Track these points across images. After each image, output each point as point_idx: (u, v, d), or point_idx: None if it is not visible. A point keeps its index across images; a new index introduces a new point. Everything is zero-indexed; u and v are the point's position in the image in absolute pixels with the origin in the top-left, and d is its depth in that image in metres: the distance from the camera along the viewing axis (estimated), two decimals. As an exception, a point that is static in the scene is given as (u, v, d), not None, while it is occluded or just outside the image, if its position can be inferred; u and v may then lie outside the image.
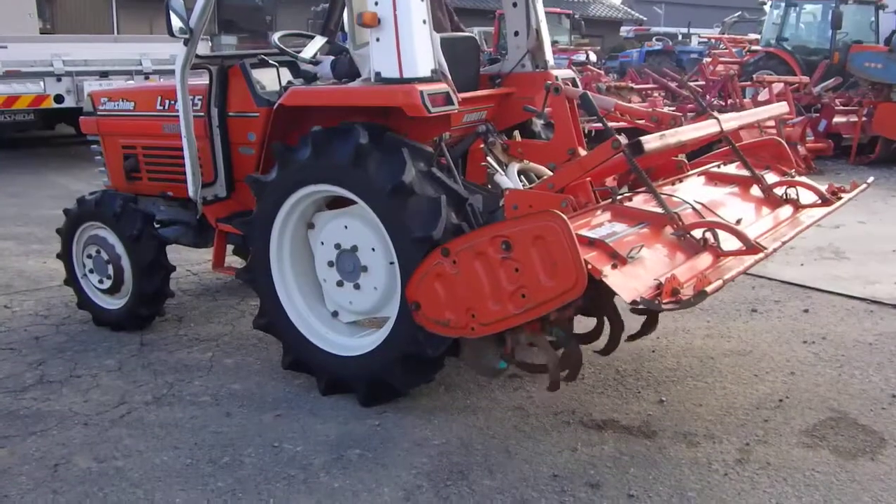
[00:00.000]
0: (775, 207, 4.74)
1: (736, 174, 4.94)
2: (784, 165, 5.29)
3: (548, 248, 3.47)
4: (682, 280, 3.55)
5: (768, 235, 4.30)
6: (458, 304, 3.80)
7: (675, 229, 3.95)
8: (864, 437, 4.28)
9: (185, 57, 5.20)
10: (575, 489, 3.82)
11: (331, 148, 4.51)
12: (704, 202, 4.44)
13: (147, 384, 5.04)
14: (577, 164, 4.21)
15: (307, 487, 3.89)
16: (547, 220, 3.46)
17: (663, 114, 4.73)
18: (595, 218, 3.99)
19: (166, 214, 5.92)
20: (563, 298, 3.52)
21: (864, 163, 13.63)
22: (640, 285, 3.51)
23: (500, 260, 3.61)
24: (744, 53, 20.99)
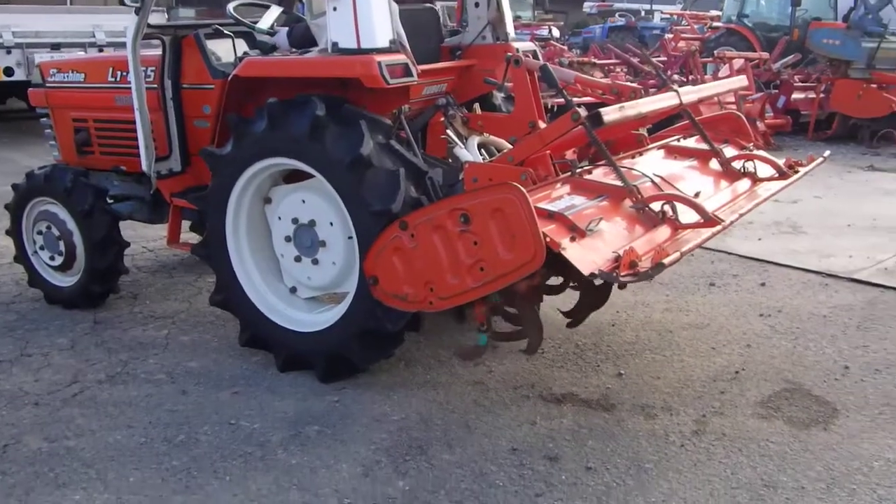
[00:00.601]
0: (733, 181, 4.75)
1: (695, 148, 4.94)
2: (742, 139, 5.31)
3: (506, 221, 3.44)
4: (641, 252, 3.54)
5: (726, 208, 4.31)
6: (417, 277, 3.76)
7: (634, 202, 3.94)
8: (818, 408, 4.33)
9: (137, 27, 5.07)
10: (534, 462, 3.83)
11: (287, 120, 4.44)
12: (664, 175, 4.44)
13: (100, 362, 4.96)
14: (536, 137, 4.18)
15: (264, 465, 3.85)
16: (505, 192, 3.43)
17: (623, 86, 4.72)
18: (554, 191, 3.97)
19: (119, 189, 5.80)
20: (521, 271, 3.49)
21: (822, 138, 13.75)
22: (598, 258, 3.49)
23: (458, 233, 3.57)
24: (705, 30, 21.07)
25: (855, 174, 11.02)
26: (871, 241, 7.50)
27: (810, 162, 5.14)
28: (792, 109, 14.12)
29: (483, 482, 3.68)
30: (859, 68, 13.40)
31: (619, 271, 3.39)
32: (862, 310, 5.75)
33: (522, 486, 3.65)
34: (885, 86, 13.18)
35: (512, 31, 5.43)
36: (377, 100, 4.55)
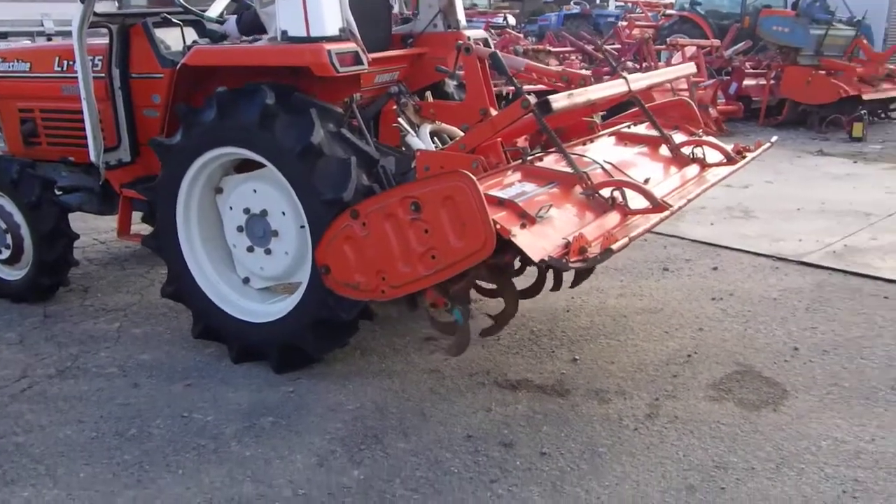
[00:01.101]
0: (683, 166, 4.79)
1: (645, 134, 4.97)
2: (692, 125, 5.35)
3: (457, 209, 3.43)
4: (590, 238, 3.56)
5: (675, 194, 4.34)
6: (368, 266, 3.74)
7: (584, 188, 3.95)
8: (768, 389, 4.40)
9: (83, 15, 4.98)
10: (489, 449, 3.84)
11: (237, 109, 4.40)
12: (614, 162, 4.46)
13: (50, 357, 4.89)
14: (487, 125, 4.17)
15: (218, 457, 3.82)
16: (455, 180, 3.42)
17: (573, 73, 4.72)
18: (505, 178, 3.97)
19: (68, 181, 5.72)
20: (472, 259, 3.48)
21: (773, 124, 13.95)
22: (548, 244, 3.50)
23: (409, 221, 3.55)
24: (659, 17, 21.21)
25: (804, 159, 11.19)
26: (819, 224, 7.62)
27: (758, 147, 5.19)
28: (743, 96, 14.31)
29: (438, 470, 3.69)
30: (808, 55, 13.61)
31: (568, 257, 3.41)
32: (811, 292, 5.85)
33: (477, 473, 3.66)
34: (833, 72, 13.40)
35: (463, 20, 5.43)
36: (328, 88, 4.52)
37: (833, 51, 13.72)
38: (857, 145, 12.19)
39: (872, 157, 11.31)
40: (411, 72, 5.35)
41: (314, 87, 4.50)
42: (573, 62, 13.83)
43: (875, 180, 9.70)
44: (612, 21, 24.67)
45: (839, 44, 13.87)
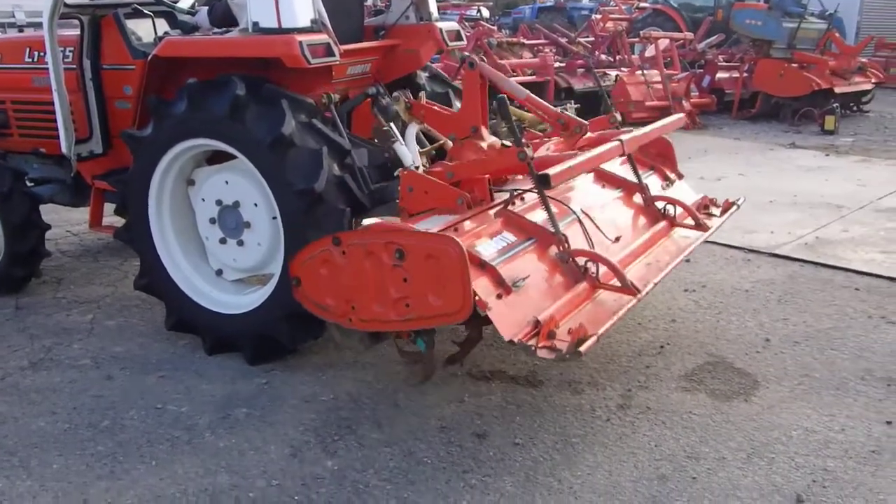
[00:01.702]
0: (653, 222, 4.81)
1: (623, 178, 4.92)
2: (667, 167, 5.37)
3: (440, 270, 3.44)
4: (560, 318, 3.61)
5: (642, 262, 4.37)
6: (341, 293, 3.75)
7: (560, 251, 3.96)
8: (740, 380, 4.45)
9: (53, 6, 4.94)
10: (462, 439, 3.86)
11: (207, 101, 4.39)
12: (590, 211, 4.45)
13: (23, 349, 4.86)
14: (479, 164, 4.22)
15: (192, 448, 3.82)
16: (446, 244, 3.42)
17: (570, 119, 4.57)
18: (488, 226, 3.97)
19: (40, 172, 5.68)
20: (445, 319, 3.53)
21: (746, 117, 14.05)
22: (520, 319, 3.53)
23: (391, 266, 3.56)
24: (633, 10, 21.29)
25: (777, 152, 11.29)
26: (791, 216, 7.70)
27: (727, 208, 5.23)
28: (717, 88, 14.42)
29: (412, 460, 3.71)
30: (781, 48, 13.72)
31: (536, 341, 3.44)
32: (783, 284, 5.91)
33: (451, 464, 3.68)
34: (806, 65, 13.52)
35: (435, 11, 5.42)
36: (299, 80, 4.52)
37: (805, 44, 13.85)
38: (830, 138, 12.31)
39: (844, 149, 11.43)
40: (383, 63, 5.35)
41: (286, 78, 4.49)
42: (547, 55, 13.82)
43: (847, 173, 9.80)
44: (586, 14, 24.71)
45: (811, 37, 13.99)
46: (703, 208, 5.17)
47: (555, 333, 3.50)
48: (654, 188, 5.03)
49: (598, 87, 12.52)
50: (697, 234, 4.78)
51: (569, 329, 3.53)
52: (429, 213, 4.06)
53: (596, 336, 3.48)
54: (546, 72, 13.19)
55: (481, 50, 13.57)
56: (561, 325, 3.57)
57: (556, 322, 3.56)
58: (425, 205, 4.10)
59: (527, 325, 3.49)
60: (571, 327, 3.53)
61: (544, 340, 3.45)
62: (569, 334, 3.50)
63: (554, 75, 13.25)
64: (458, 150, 4.48)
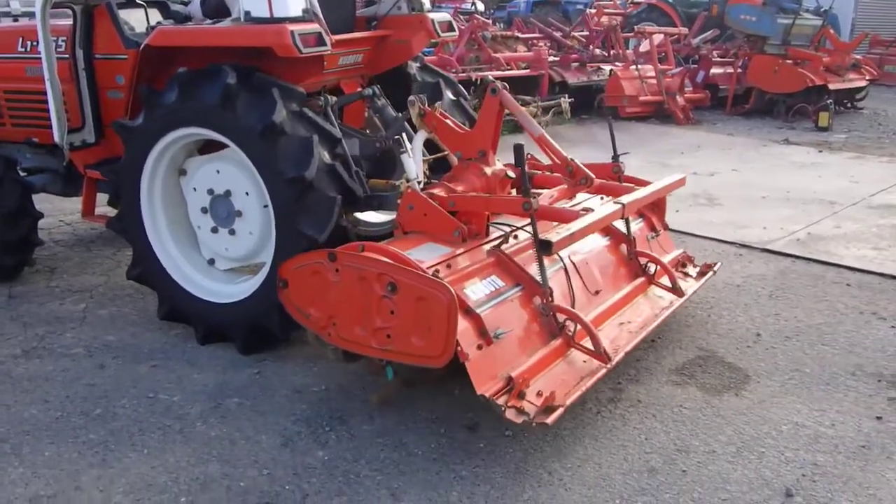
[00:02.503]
0: (633, 277, 4.84)
1: (613, 226, 4.88)
2: (656, 217, 5.39)
3: (428, 313, 3.48)
4: (531, 376, 3.65)
5: (616, 320, 4.41)
6: (325, 306, 3.80)
7: (544, 304, 3.99)
8: (730, 374, 4.47)
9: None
10: (453, 431, 3.88)
11: (198, 90, 4.41)
12: (576, 257, 4.48)
13: (16, 337, 4.86)
14: (483, 202, 4.26)
15: (183, 437, 3.83)
16: (439, 290, 3.46)
17: (578, 168, 4.40)
18: (480, 265, 4.00)
19: (32, 161, 5.68)
20: (423, 360, 3.57)
21: (740, 113, 14.07)
22: (494, 372, 3.57)
23: (380, 296, 3.60)
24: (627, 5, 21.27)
25: (770, 147, 11.31)
26: (784, 212, 7.72)
27: (704, 271, 5.27)
28: (711, 84, 14.43)
29: (403, 451, 3.72)
30: (775, 44, 13.72)
31: (507, 399, 3.48)
32: (774, 279, 5.93)
33: (441, 455, 3.70)
34: (800, 61, 13.53)
35: (427, 2, 5.43)
36: (291, 69, 4.53)
37: (800, 40, 13.86)
38: (823, 135, 12.33)
39: (837, 146, 11.45)
40: (375, 54, 5.36)
41: (278, 68, 4.50)
42: (542, 49, 13.83)
43: (840, 169, 9.83)
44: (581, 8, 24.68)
45: (806, 33, 14.00)
46: (680, 266, 5.24)
47: (524, 394, 3.58)
48: (640, 237, 5.08)
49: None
50: (672, 298, 4.83)
51: (538, 391, 3.61)
52: (424, 238, 4.11)
53: (563, 407, 3.55)
54: (540, 66, 13.20)
55: (475, 43, 13.57)
56: (531, 385, 3.64)
57: (527, 381, 3.63)
58: (422, 227, 4.18)
59: (500, 380, 3.56)
60: (541, 390, 3.62)
61: (514, 400, 3.52)
62: (538, 397, 3.58)
63: (548, 69, 13.25)
64: (461, 170, 4.49)
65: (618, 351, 4.09)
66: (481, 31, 13.69)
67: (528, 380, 3.63)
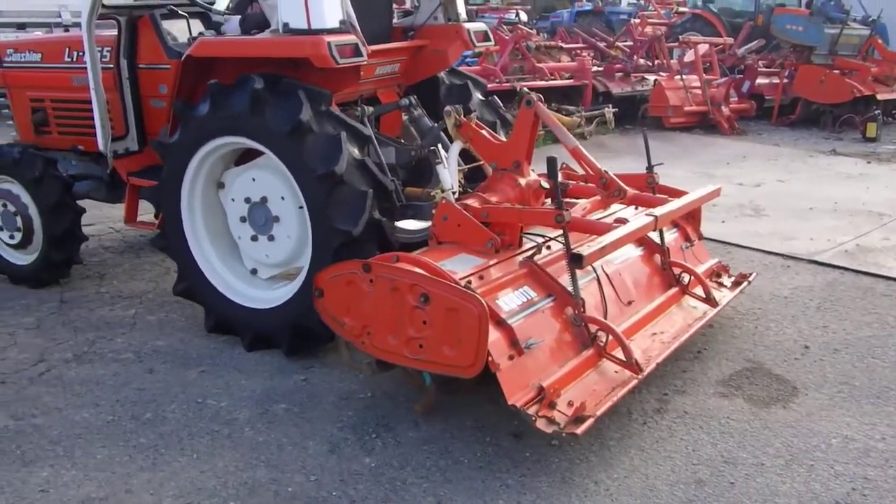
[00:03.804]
0: (666, 287, 4.82)
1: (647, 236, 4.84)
2: (691, 227, 5.37)
3: (459, 324, 3.50)
4: (562, 386, 3.67)
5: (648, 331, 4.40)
6: (359, 316, 3.83)
7: (576, 314, 4.00)
8: (778, 387, 4.42)
9: (92, 7, 5.09)
10: (498, 439, 3.88)
11: (229, 99, 4.52)
12: (610, 265, 4.48)
13: (67, 342, 4.95)
14: (517, 213, 4.29)
15: (231, 442, 3.87)
16: (470, 302, 3.48)
17: (612, 180, 4.43)
18: (513, 276, 4.03)
19: (77, 169, 5.83)
20: (454, 370, 3.60)
21: (785, 123, 13.92)
22: (525, 382, 3.60)
23: (413, 306, 3.63)
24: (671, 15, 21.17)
25: (817, 158, 11.17)
26: (831, 223, 7.63)
27: (739, 281, 5.24)
28: (756, 94, 14.30)
29: (448, 458, 3.73)
30: (822, 54, 13.56)
31: (538, 409, 3.50)
32: (822, 291, 5.86)
33: (487, 463, 3.70)
34: (847, 72, 13.36)
35: (463, 13, 5.47)
36: (329, 79, 4.62)
37: (847, 50, 13.69)
38: (871, 145, 12.15)
39: (886, 157, 11.27)
40: (411, 64, 5.42)
41: (315, 77, 4.59)
42: (585, 59, 13.82)
43: (888, 180, 9.68)
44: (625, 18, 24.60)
45: (853, 43, 13.82)
46: (715, 276, 5.21)
47: (555, 404, 3.59)
48: (674, 247, 5.06)
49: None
50: (706, 308, 4.80)
51: (569, 401, 3.63)
52: (457, 248, 4.14)
53: (594, 418, 3.56)
54: (584, 76, 13.18)
55: (519, 53, 13.59)
56: (562, 394, 3.66)
57: (558, 392, 3.64)
58: (456, 237, 4.22)
59: (531, 390, 3.58)
60: (572, 400, 3.63)
61: (545, 410, 3.54)
62: (569, 407, 3.59)
63: (592, 79, 13.23)
64: (496, 180, 4.52)
65: (649, 362, 4.08)
66: (525, 42, 13.71)
67: (558, 390, 3.65)
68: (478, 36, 5.44)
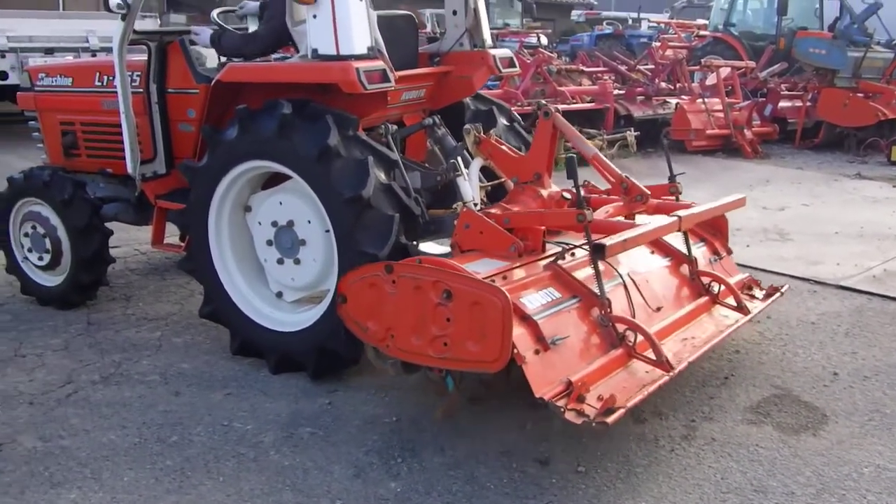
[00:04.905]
0: (695, 296, 4.79)
1: (673, 247, 4.90)
2: (718, 241, 5.34)
3: (483, 318, 3.49)
4: (591, 384, 3.64)
5: (679, 336, 4.37)
6: (383, 318, 3.83)
7: (602, 315, 3.99)
8: (807, 414, 4.37)
9: (123, 32, 5.16)
10: (524, 465, 3.86)
11: (257, 124, 4.56)
12: (636, 277, 4.46)
13: (94, 363, 4.97)
14: (537, 216, 4.31)
15: (257, 465, 3.87)
16: (493, 294, 3.48)
17: (633, 185, 4.49)
18: (536, 277, 4.03)
19: (106, 191, 5.87)
20: (480, 366, 3.59)
21: (809, 147, 13.87)
22: (553, 377, 3.57)
23: (436, 304, 3.62)
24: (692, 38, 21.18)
25: (842, 182, 11.11)
26: (858, 248, 7.57)
27: (771, 293, 5.19)
28: (779, 118, 14.26)
29: (474, 484, 3.71)
30: (845, 77, 13.53)
31: (566, 402, 3.47)
32: (850, 316, 5.81)
33: (513, 489, 3.68)
34: (871, 95, 13.31)
35: (489, 39, 5.51)
36: (357, 104, 4.65)
37: (871, 73, 13.64)
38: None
39: (911, 181, 11.21)
40: (437, 89, 5.46)
41: (342, 102, 4.63)
42: (606, 82, 13.85)
43: (914, 205, 9.61)
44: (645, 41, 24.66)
45: (877, 66, 13.79)
46: (746, 289, 5.16)
47: (584, 398, 3.56)
48: (702, 260, 5.02)
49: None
50: (737, 316, 4.76)
51: (599, 395, 3.59)
52: (480, 255, 4.14)
53: (625, 409, 3.52)
54: (605, 99, 13.20)
55: (540, 77, 13.63)
56: (591, 390, 3.62)
57: (587, 386, 3.61)
58: (478, 244, 4.21)
59: (559, 384, 3.55)
60: (602, 394, 3.60)
61: (573, 403, 3.50)
62: (598, 401, 3.56)
63: (613, 102, 13.25)
64: (517, 193, 4.54)
65: (681, 361, 4.03)
66: (547, 65, 13.75)
67: (588, 385, 3.61)
68: (503, 62, 5.47)
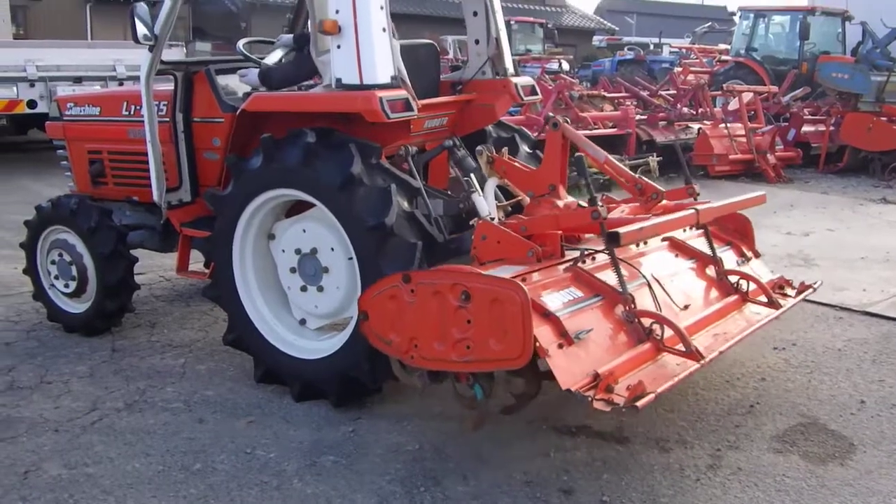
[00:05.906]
0: (724, 295, 4.77)
1: (697, 249, 4.91)
2: (745, 244, 5.32)
3: (503, 314, 3.50)
4: (619, 375, 3.62)
5: (709, 332, 4.35)
6: (405, 329, 3.84)
7: (626, 310, 3.99)
8: (834, 443, 4.33)
9: (150, 63, 5.24)
10: (548, 494, 3.83)
11: (281, 153, 4.60)
12: (661, 277, 4.46)
13: (119, 390, 5.00)
14: (553, 219, 4.32)
15: (280, 494, 3.87)
16: (510, 288, 3.49)
17: (647, 184, 4.60)
18: (557, 279, 4.04)
19: (132, 219, 5.93)
20: (504, 364, 3.59)
21: (833, 171, 13.80)
22: (579, 371, 3.56)
23: (455, 307, 3.64)
24: (714, 63, 21.20)
25: (867, 207, 11.04)
26: (884, 274, 7.51)
27: (802, 290, 5.16)
28: (802, 142, 14.21)
29: (499, 514, 3.69)
30: (868, 101, 13.47)
31: (594, 393, 3.46)
32: (877, 343, 5.75)
33: (538, 519, 3.66)
34: (895, 119, 13.24)
35: (511, 67, 5.52)
36: (380, 132, 4.69)
37: (894, 97, 13.58)
38: (922, 193, 11.99)
39: (937, 206, 11.11)
40: (459, 117, 5.48)
41: (366, 131, 4.66)
42: (628, 107, 13.86)
43: (940, 230, 9.52)
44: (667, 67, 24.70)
45: (901, 90, 13.73)
46: (777, 288, 5.12)
47: (613, 388, 3.54)
48: (729, 264, 4.99)
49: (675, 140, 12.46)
50: (769, 311, 4.73)
51: (627, 385, 3.56)
52: (499, 263, 4.15)
53: (654, 394, 3.49)
54: (627, 124, 13.20)
55: (562, 102, 13.66)
56: (620, 381, 3.60)
57: (616, 378, 3.59)
58: (497, 254, 4.21)
59: (586, 376, 3.53)
60: (630, 384, 3.56)
61: (602, 393, 3.48)
62: (627, 390, 3.52)
63: (635, 128, 13.25)
64: (534, 206, 4.58)
65: (712, 352, 4.01)
66: (568, 91, 13.78)
67: (616, 376, 3.59)
68: (525, 90, 5.49)
